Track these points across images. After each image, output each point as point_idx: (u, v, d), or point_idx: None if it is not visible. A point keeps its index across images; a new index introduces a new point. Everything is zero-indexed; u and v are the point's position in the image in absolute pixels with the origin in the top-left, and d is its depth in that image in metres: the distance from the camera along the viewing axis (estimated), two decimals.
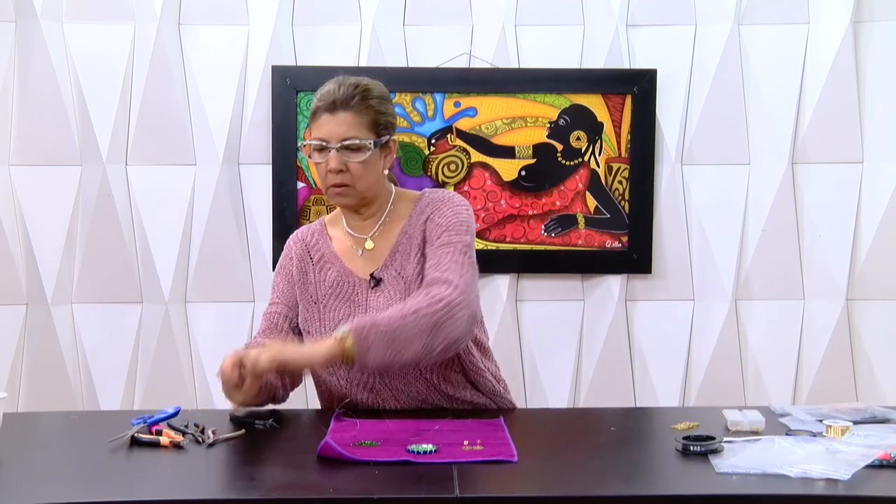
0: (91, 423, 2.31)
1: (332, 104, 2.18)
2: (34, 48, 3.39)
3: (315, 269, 2.30)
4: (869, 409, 2.18)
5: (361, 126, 2.19)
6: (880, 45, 3.49)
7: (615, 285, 3.54)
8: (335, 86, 2.21)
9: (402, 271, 2.24)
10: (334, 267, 2.29)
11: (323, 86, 2.24)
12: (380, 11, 3.47)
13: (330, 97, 2.19)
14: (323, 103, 2.20)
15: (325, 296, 2.27)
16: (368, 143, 2.19)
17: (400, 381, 2.24)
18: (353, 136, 2.18)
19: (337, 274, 2.28)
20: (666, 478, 1.88)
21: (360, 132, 2.19)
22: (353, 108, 2.18)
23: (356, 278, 2.27)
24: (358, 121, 2.18)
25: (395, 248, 2.26)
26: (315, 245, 2.33)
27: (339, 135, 2.18)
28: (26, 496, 1.70)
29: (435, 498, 1.69)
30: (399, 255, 2.25)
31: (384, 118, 2.23)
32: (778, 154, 3.52)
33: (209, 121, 3.48)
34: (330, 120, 2.18)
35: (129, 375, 3.51)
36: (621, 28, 3.50)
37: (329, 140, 2.18)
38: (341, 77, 2.24)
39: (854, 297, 3.54)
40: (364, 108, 2.19)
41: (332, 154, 2.18)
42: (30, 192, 3.45)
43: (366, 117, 2.19)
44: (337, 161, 2.18)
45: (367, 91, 2.21)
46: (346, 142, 2.18)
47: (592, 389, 3.55)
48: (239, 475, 1.88)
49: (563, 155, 3.51)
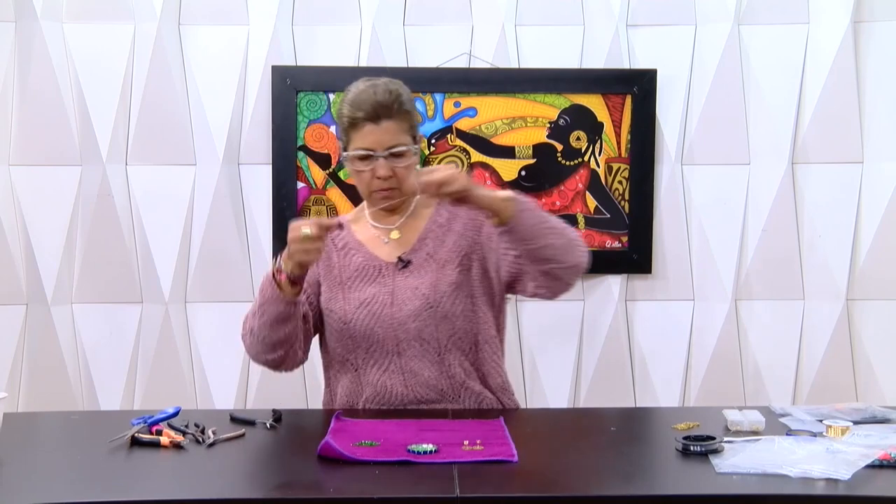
0: (91, 423, 2.31)
1: (374, 114, 2.22)
2: (34, 48, 3.39)
3: (340, 255, 2.36)
4: (869, 409, 2.18)
5: (403, 132, 2.26)
6: (880, 45, 3.49)
7: (615, 285, 3.54)
8: (370, 92, 2.24)
9: (433, 254, 2.32)
10: (359, 253, 2.35)
11: (351, 91, 2.27)
12: (380, 11, 3.47)
13: (370, 105, 2.22)
14: (364, 113, 2.23)
15: (349, 278, 2.33)
16: (413, 149, 2.27)
17: (417, 361, 2.26)
18: (399, 143, 2.24)
19: (363, 259, 2.34)
20: (666, 478, 1.88)
21: (403, 138, 2.25)
22: (395, 115, 2.24)
23: (382, 262, 2.34)
24: (400, 127, 2.25)
25: (425, 234, 2.35)
26: (338, 234, 2.37)
27: (385, 143, 2.23)
28: (26, 496, 1.71)
29: (435, 498, 1.70)
30: (430, 241, 2.34)
31: (416, 120, 2.31)
32: (778, 154, 3.52)
33: (209, 121, 3.48)
34: (375, 129, 2.23)
35: (129, 375, 3.51)
36: (621, 28, 3.50)
37: (375, 149, 2.23)
38: (369, 81, 2.27)
39: (854, 297, 3.54)
40: (403, 114, 2.26)
41: (381, 162, 2.23)
42: (30, 192, 3.44)
43: (406, 123, 2.26)
44: (386, 169, 2.24)
45: (401, 96, 2.26)
46: (394, 149, 2.24)
47: (592, 389, 3.55)
48: (239, 475, 1.88)
49: (563, 155, 3.51)
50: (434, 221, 2.36)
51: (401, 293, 2.28)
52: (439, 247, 2.32)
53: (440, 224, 2.35)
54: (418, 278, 2.29)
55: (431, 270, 2.30)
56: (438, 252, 2.32)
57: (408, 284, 2.29)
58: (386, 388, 2.28)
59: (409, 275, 2.31)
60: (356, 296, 2.30)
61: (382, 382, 2.28)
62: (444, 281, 2.29)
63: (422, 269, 2.31)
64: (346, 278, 2.33)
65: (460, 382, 2.30)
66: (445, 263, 2.30)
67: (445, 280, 2.29)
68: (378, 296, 2.29)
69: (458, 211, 2.33)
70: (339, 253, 2.36)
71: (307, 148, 3.47)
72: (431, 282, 2.28)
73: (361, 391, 2.31)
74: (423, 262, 2.31)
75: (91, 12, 3.44)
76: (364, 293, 2.30)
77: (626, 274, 3.55)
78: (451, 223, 2.35)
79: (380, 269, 2.32)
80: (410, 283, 2.29)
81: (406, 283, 2.29)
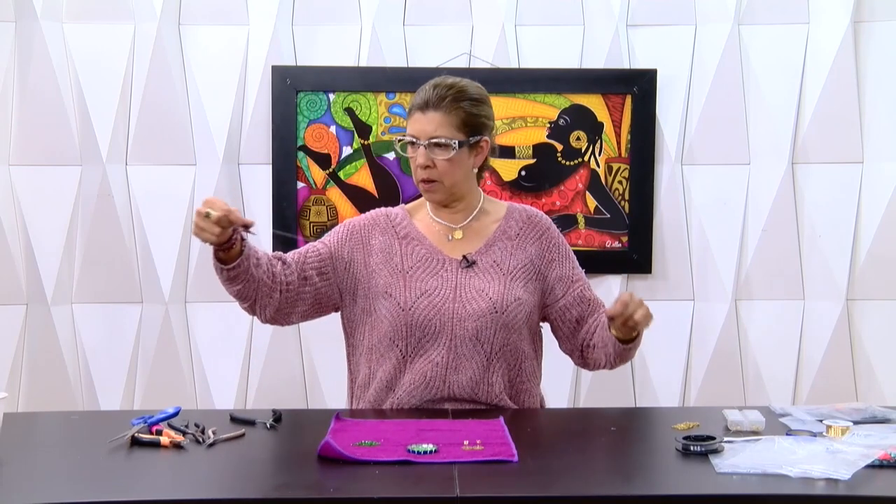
0: (91, 423, 2.31)
1: (424, 103, 2.32)
2: (34, 48, 3.39)
3: (402, 243, 2.38)
4: (869, 409, 2.18)
5: (450, 126, 2.31)
6: (880, 45, 3.49)
7: (615, 285, 3.54)
8: (432, 84, 2.34)
9: (500, 262, 2.36)
10: (423, 245, 2.38)
11: (424, 85, 2.36)
12: (380, 11, 3.47)
13: (424, 96, 2.32)
14: (417, 102, 2.33)
15: (411, 267, 2.35)
16: (454, 143, 2.30)
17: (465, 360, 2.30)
18: (441, 134, 2.30)
19: (426, 251, 2.37)
20: (666, 478, 1.88)
21: (447, 131, 2.30)
22: (444, 108, 2.30)
23: (446, 257, 2.36)
24: (447, 120, 2.30)
25: (492, 241, 2.39)
26: (400, 224, 2.41)
27: (427, 133, 2.30)
28: (26, 496, 1.71)
29: (435, 498, 1.70)
30: (497, 249, 2.38)
31: (476, 119, 2.34)
32: (778, 154, 3.52)
33: (209, 121, 3.48)
34: (421, 118, 2.32)
35: (129, 375, 3.51)
36: (621, 28, 3.50)
37: (419, 137, 2.32)
38: (441, 77, 2.37)
39: (854, 297, 3.54)
40: (454, 108, 2.31)
41: (420, 150, 2.31)
42: (30, 192, 3.44)
43: (455, 118, 2.31)
44: (424, 157, 2.31)
45: (461, 92, 2.33)
46: (434, 140, 2.30)
47: (592, 389, 3.55)
48: (239, 475, 1.88)
49: (563, 155, 3.51)
50: (503, 232, 2.40)
51: (464, 292, 2.32)
52: (507, 258, 2.37)
53: (510, 237, 2.40)
54: (484, 281, 2.33)
55: (497, 277, 2.34)
56: (506, 262, 2.36)
57: (472, 285, 2.32)
58: (426, 378, 2.30)
59: (472, 275, 2.34)
60: (418, 285, 2.32)
61: (424, 373, 2.30)
62: (512, 293, 2.33)
63: (487, 274, 2.34)
64: (408, 267, 2.35)
65: (496, 394, 2.32)
66: (513, 277, 2.35)
67: (513, 293, 2.33)
68: (440, 289, 2.32)
69: (530, 231, 2.41)
70: (400, 241, 2.38)
71: (307, 148, 3.47)
72: (499, 289, 2.32)
73: (402, 378, 2.32)
74: (488, 267, 2.35)
75: (91, 12, 3.44)
76: (427, 284, 2.32)
77: (626, 274, 3.55)
78: (524, 242, 2.40)
79: (443, 264, 2.35)
80: (475, 283, 2.33)
81: (470, 283, 2.33)
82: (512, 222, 2.42)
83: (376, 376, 2.35)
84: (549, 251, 2.41)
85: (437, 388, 2.30)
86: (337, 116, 3.47)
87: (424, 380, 2.29)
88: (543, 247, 2.41)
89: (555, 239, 2.43)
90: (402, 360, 2.32)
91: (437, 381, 2.29)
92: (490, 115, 2.40)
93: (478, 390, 2.31)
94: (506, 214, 2.43)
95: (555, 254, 2.41)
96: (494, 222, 2.42)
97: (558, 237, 2.45)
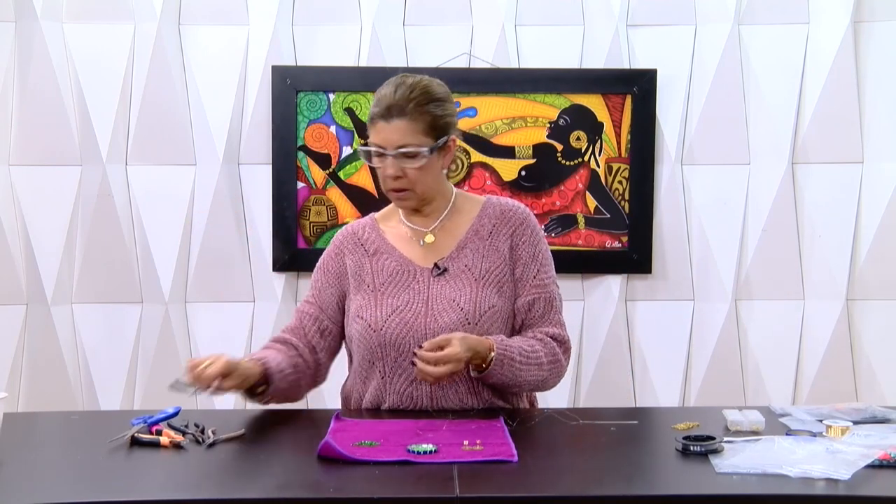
0: (91, 423, 2.32)
1: (387, 111, 2.18)
2: (34, 48, 3.39)
3: (372, 261, 2.30)
4: (869, 409, 2.17)
5: (417, 132, 2.18)
6: (880, 45, 3.49)
7: (615, 285, 3.54)
8: (391, 89, 2.20)
9: (471, 266, 2.26)
10: (392, 257, 2.29)
11: (381, 87, 2.23)
12: (380, 11, 3.47)
13: (385, 103, 2.18)
14: (378, 109, 2.19)
15: (382, 284, 2.27)
16: (424, 151, 2.19)
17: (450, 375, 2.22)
18: (408, 143, 2.18)
19: (396, 263, 2.28)
20: (666, 478, 1.88)
21: (415, 139, 2.18)
22: (409, 114, 2.17)
23: (416, 267, 2.28)
24: (413, 127, 2.18)
25: (463, 243, 2.28)
26: (368, 238, 2.33)
27: (394, 142, 2.18)
28: (26, 496, 1.71)
29: (435, 498, 1.70)
30: (468, 251, 2.28)
31: (441, 120, 2.22)
32: (778, 154, 3.52)
33: (209, 121, 3.48)
34: (385, 127, 2.18)
35: (129, 375, 3.51)
36: (621, 28, 3.50)
37: (385, 147, 2.19)
38: (399, 78, 2.23)
39: (854, 297, 3.54)
40: (419, 113, 2.18)
41: (389, 161, 2.19)
42: (30, 192, 3.45)
43: (421, 123, 2.18)
44: (394, 168, 2.19)
45: (424, 94, 2.20)
46: (402, 149, 2.18)
47: (592, 389, 3.55)
48: (239, 475, 1.88)
49: (563, 155, 3.51)
50: (476, 232, 2.29)
51: (436, 303, 2.23)
52: (478, 261, 2.26)
53: (482, 236, 2.29)
54: (455, 289, 2.24)
55: (469, 283, 2.24)
56: (477, 266, 2.26)
57: (444, 294, 2.23)
58: (412, 398, 2.24)
59: (444, 283, 2.25)
60: (389, 302, 2.24)
61: (409, 393, 2.24)
62: (486, 301, 2.23)
63: (458, 281, 2.25)
64: (379, 284, 2.27)
65: (486, 400, 2.26)
66: (486, 283, 2.25)
67: (486, 300, 2.23)
68: (412, 303, 2.23)
69: (502, 227, 2.29)
70: (370, 258, 2.30)
71: (307, 148, 3.47)
72: (471, 297, 2.22)
73: (388, 399, 2.27)
74: (459, 272, 2.25)
75: (91, 12, 3.44)
76: (398, 299, 2.24)
77: (626, 274, 3.55)
78: (496, 241, 2.28)
79: (414, 274, 2.26)
80: (447, 292, 2.23)
81: (442, 293, 2.24)
82: (485, 219, 2.30)
83: (364, 397, 2.31)
84: (518, 248, 2.28)
85: (426, 405, 2.24)
86: (337, 116, 3.47)
87: (411, 400, 2.24)
88: (514, 243, 2.28)
89: (527, 236, 2.29)
90: (382, 381, 2.26)
91: (423, 399, 2.24)
92: (454, 112, 2.27)
93: (467, 400, 2.24)
94: (480, 211, 2.31)
95: (522, 252, 2.28)
96: (468, 221, 2.31)
97: (532, 235, 2.30)
